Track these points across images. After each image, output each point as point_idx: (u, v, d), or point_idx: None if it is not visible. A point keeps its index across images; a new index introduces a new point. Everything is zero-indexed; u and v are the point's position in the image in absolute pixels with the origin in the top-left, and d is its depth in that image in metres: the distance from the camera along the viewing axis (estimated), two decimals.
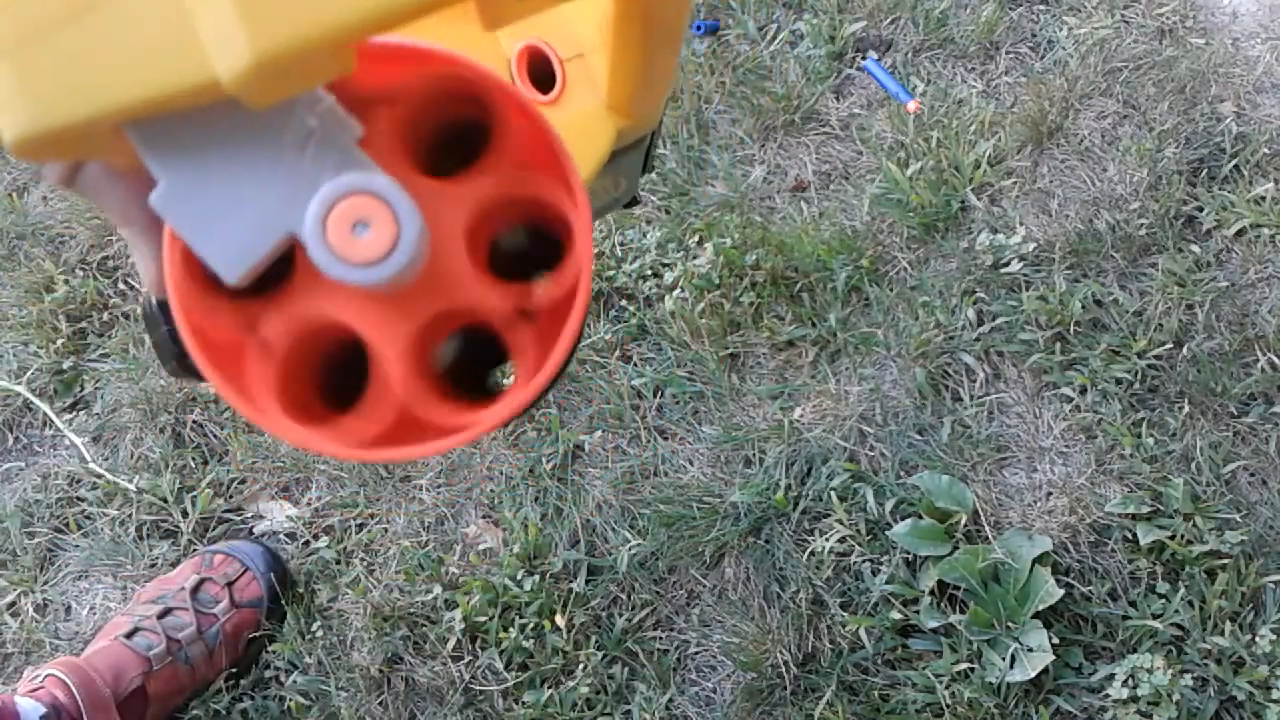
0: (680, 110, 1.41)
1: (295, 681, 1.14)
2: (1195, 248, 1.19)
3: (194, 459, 1.31)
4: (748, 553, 1.12)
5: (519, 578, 1.13)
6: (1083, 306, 1.16)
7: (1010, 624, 1.01)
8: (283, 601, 1.17)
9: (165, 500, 1.28)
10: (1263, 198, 1.20)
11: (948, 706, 0.99)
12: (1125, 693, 0.96)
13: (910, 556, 1.07)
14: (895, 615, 1.03)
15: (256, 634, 1.16)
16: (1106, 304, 1.17)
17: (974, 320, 1.19)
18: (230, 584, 1.15)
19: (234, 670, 1.15)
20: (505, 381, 0.39)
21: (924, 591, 1.04)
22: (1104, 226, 1.21)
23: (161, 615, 1.11)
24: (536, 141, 0.35)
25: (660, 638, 1.10)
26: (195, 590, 1.13)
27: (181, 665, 1.09)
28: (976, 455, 1.12)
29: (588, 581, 1.13)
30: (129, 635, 1.09)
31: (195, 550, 1.23)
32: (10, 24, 0.28)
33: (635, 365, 1.25)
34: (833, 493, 1.11)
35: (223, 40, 0.27)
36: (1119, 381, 1.12)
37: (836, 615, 1.06)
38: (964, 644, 1.01)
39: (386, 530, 1.22)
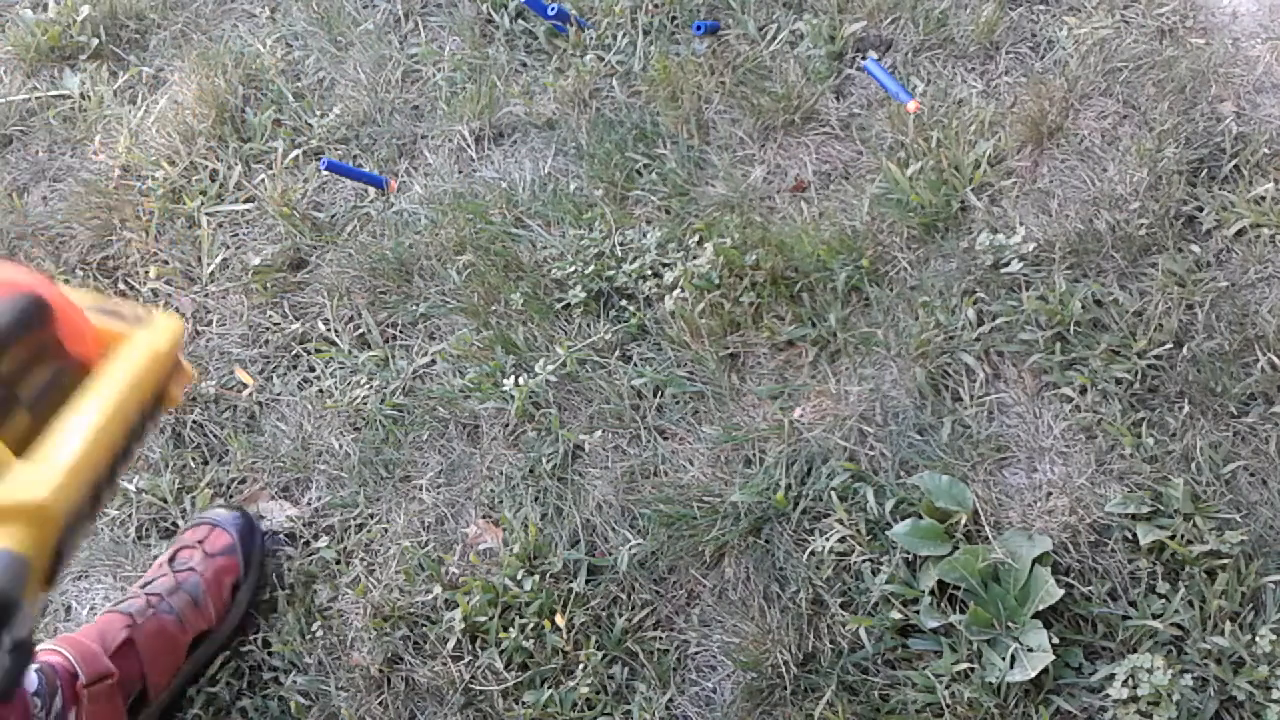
0: (680, 110, 1.41)
1: (295, 681, 1.14)
2: (1195, 248, 1.19)
3: (194, 459, 1.31)
4: (748, 553, 1.12)
5: (519, 578, 1.13)
6: (1083, 306, 1.16)
7: (1010, 624, 1.01)
8: (255, 550, 1.20)
9: (165, 500, 1.28)
10: (1263, 198, 1.20)
11: (948, 706, 0.99)
12: (1125, 693, 0.96)
13: (910, 556, 1.07)
14: (895, 615, 1.03)
15: (240, 585, 1.17)
16: (1106, 304, 1.17)
17: (974, 320, 1.19)
18: (200, 542, 1.18)
19: (239, 631, 1.17)
20: None
21: (924, 591, 1.04)
22: (1104, 226, 1.21)
23: (142, 586, 1.15)
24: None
25: (660, 638, 1.10)
26: (171, 559, 1.17)
27: (166, 615, 1.11)
28: (976, 455, 1.12)
29: (588, 581, 1.13)
30: (116, 605, 1.13)
31: None
32: None
33: (635, 365, 1.25)
34: (833, 493, 1.11)
35: None
36: (1119, 381, 1.12)
37: (836, 615, 1.06)
38: (964, 644, 1.01)
39: (386, 530, 1.22)
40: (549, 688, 1.08)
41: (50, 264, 1.49)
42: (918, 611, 1.03)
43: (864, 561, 1.07)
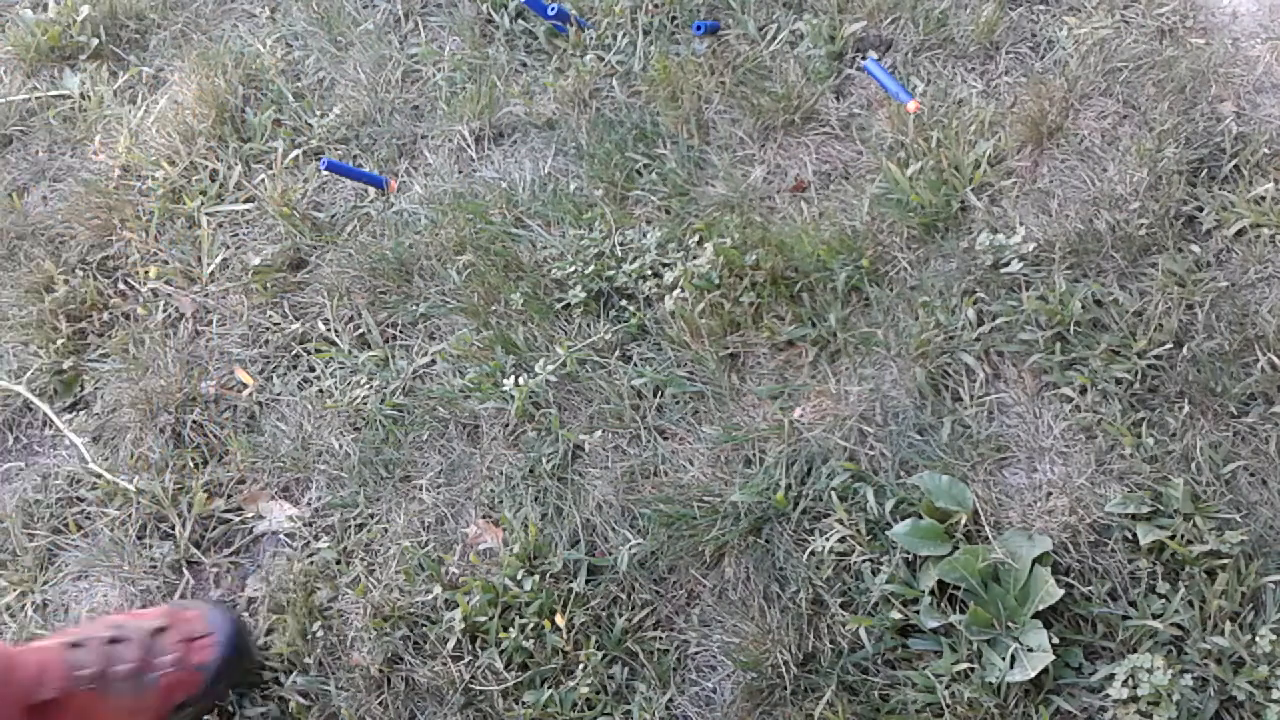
0: (680, 110, 1.41)
1: (295, 681, 1.14)
2: (1195, 248, 1.19)
3: (194, 459, 1.31)
4: (748, 553, 1.12)
5: (519, 578, 1.13)
6: (1083, 306, 1.16)
7: (1010, 624, 1.01)
8: (228, 679, 1.13)
9: (164, 501, 1.28)
10: (1263, 198, 1.20)
11: (948, 706, 0.99)
12: (1125, 693, 0.96)
13: (910, 556, 1.07)
14: (895, 615, 1.03)
15: (189, 704, 1.10)
16: (1106, 304, 1.17)
17: (974, 320, 1.19)
18: (190, 640, 1.10)
19: None
20: None
21: (924, 591, 1.04)
22: (1104, 226, 1.21)
23: (111, 641, 1.06)
24: None
25: (660, 638, 1.10)
26: (156, 632, 1.09)
27: (102, 697, 1.04)
28: (976, 455, 1.12)
29: (588, 581, 1.13)
30: (74, 645, 1.05)
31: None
32: None
33: (635, 365, 1.25)
34: (833, 493, 1.11)
35: None
36: (1119, 381, 1.12)
37: (836, 615, 1.06)
38: (964, 644, 1.01)
39: (386, 530, 1.22)
40: (549, 688, 1.08)
41: (50, 264, 1.49)
42: (918, 611, 1.03)
43: (864, 561, 1.07)
